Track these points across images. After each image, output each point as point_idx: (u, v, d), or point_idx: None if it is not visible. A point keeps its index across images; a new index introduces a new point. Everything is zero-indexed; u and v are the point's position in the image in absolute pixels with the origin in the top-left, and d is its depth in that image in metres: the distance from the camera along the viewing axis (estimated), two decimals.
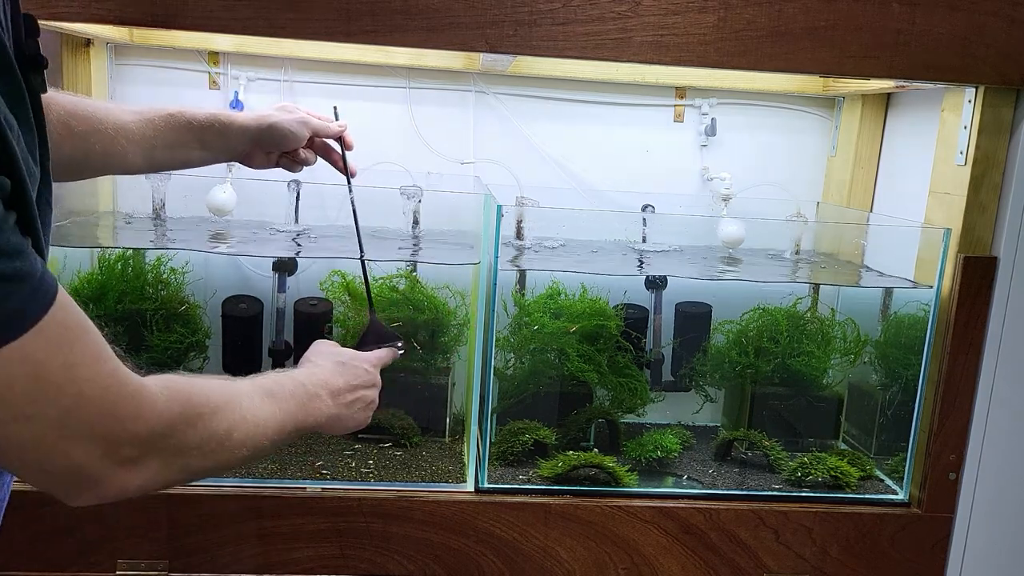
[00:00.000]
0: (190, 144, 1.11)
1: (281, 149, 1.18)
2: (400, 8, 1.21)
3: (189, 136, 1.10)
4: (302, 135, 1.18)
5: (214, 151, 1.14)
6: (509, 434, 1.52)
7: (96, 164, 1.06)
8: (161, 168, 1.14)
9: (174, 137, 1.09)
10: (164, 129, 1.09)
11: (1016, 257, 1.37)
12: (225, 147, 1.14)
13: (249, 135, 1.14)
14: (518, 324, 1.57)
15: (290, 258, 1.61)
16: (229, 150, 1.15)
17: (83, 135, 1.01)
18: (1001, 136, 1.35)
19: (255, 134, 1.15)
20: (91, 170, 1.09)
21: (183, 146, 1.11)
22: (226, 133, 1.12)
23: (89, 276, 1.53)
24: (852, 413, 1.68)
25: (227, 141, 1.13)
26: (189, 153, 1.12)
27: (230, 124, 1.12)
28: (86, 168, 1.07)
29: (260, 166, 1.20)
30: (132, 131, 1.06)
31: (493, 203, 1.37)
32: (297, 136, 1.18)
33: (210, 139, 1.12)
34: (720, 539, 1.42)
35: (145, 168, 1.11)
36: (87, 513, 1.31)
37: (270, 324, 1.61)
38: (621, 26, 1.25)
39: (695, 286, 1.67)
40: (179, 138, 1.10)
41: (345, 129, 1.26)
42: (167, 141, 1.09)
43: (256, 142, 1.16)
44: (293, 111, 1.19)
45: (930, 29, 1.28)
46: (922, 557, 1.45)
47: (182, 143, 1.10)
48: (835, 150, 1.85)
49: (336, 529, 1.36)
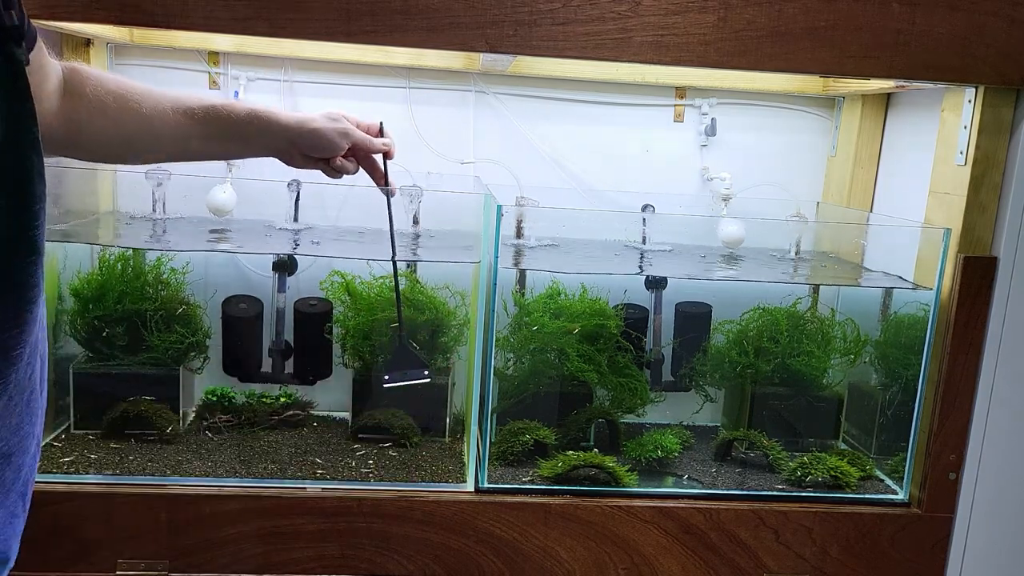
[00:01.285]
0: (228, 139, 1.10)
1: (318, 155, 1.16)
2: (400, 8, 1.21)
3: (227, 130, 1.09)
4: (340, 146, 1.16)
5: (253, 148, 1.13)
6: (509, 434, 1.52)
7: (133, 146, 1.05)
8: (194, 158, 1.14)
9: (213, 129, 1.08)
10: (203, 120, 1.07)
11: (1016, 257, 1.37)
12: (264, 145, 1.13)
13: (288, 136, 1.12)
14: (518, 324, 1.57)
15: (290, 258, 1.61)
16: (268, 148, 1.13)
17: (117, 112, 1.01)
18: (1001, 136, 1.35)
19: (293, 136, 1.13)
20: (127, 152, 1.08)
21: (221, 139, 1.10)
22: (266, 132, 1.11)
23: (89, 276, 1.54)
24: (852, 413, 1.68)
25: (266, 140, 1.12)
26: (227, 146, 1.12)
27: (270, 123, 1.11)
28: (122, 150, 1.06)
29: (300, 167, 1.18)
30: (170, 115, 1.05)
31: (493, 203, 1.37)
32: (335, 146, 1.16)
33: (248, 135, 1.10)
34: (720, 539, 1.42)
35: (178, 156, 1.11)
36: (87, 513, 1.31)
37: (270, 324, 1.61)
38: (621, 26, 1.25)
39: (695, 286, 1.67)
40: (218, 131, 1.08)
41: (391, 147, 1.23)
42: (204, 132, 1.08)
43: (294, 144, 1.14)
44: (338, 120, 1.17)
45: (930, 29, 1.28)
46: (922, 557, 1.45)
47: (219, 136, 1.09)
48: (835, 150, 1.85)
49: (336, 529, 1.36)
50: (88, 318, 1.51)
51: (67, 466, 1.39)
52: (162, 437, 1.50)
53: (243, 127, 1.09)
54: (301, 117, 1.14)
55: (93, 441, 1.49)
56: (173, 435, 1.50)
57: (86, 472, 1.38)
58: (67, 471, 1.38)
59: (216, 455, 1.47)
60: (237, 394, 1.61)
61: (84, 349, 1.55)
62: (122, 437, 1.49)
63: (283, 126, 1.12)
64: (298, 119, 1.13)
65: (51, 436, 1.50)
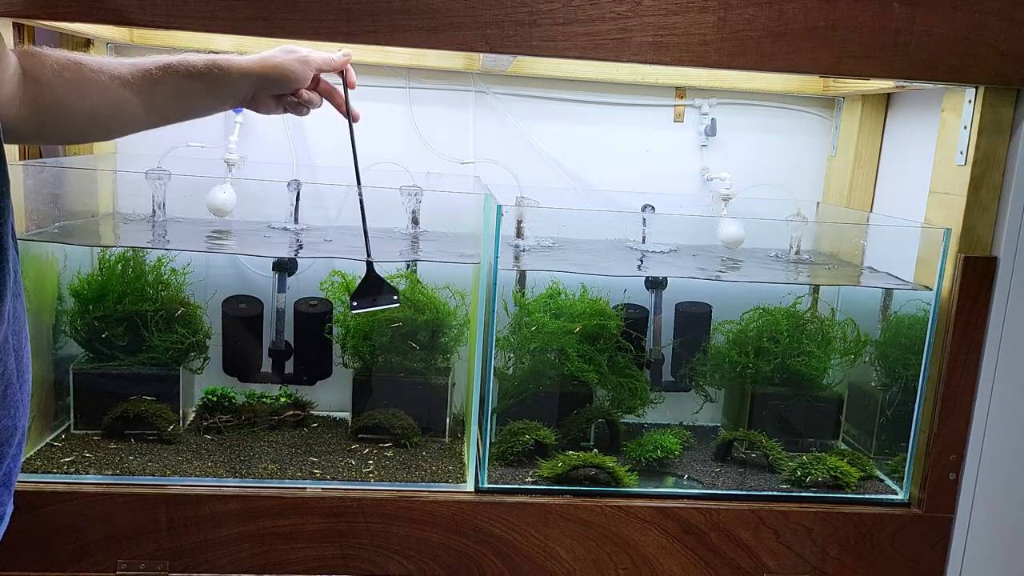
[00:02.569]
0: (193, 92, 1.09)
1: (285, 90, 1.15)
2: (400, 8, 1.21)
3: (190, 83, 1.08)
4: (305, 74, 1.15)
5: (218, 97, 1.12)
6: (509, 434, 1.52)
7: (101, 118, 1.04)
8: (168, 120, 1.12)
9: (174, 85, 1.07)
10: (163, 78, 1.06)
11: (1016, 257, 1.37)
12: (228, 92, 1.12)
13: (252, 78, 1.12)
14: (518, 324, 1.57)
15: (290, 259, 1.61)
16: (233, 95, 1.12)
17: (77, 84, 0.99)
18: (1001, 136, 1.35)
19: (257, 77, 1.12)
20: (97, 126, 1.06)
21: (185, 95, 1.08)
22: (227, 78, 1.10)
23: (89, 277, 1.54)
24: (852, 413, 1.68)
25: (229, 86, 1.11)
26: (193, 101, 1.10)
27: (229, 68, 1.10)
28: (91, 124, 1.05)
29: (267, 111, 1.17)
30: (129, 80, 1.04)
31: (493, 203, 1.37)
32: (299, 75, 1.15)
33: (213, 86, 1.09)
34: (720, 539, 1.42)
35: (150, 120, 1.09)
36: (87, 513, 1.31)
37: (270, 324, 1.61)
38: (621, 26, 1.25)
39: (695, 286, 1.67)
40: (180, 86, 1.07)
41: (349, 59, 1.22)
42: (168, 90, 1.06)
43: (259, 85, 1.13)
44: (294, 50, 1.16)
45: (930, 29, 1.28)
46: (922, 557, 1.45)
47: (184, 92, 1.08)
48: (835, 150, 1.85)
49: (336, 529, 1.36)
50: (88, 318, 1.51)
51: (67, 466, 1.39)
52: (162, 437, 1.50)
53: (204, 78, 1.08)
54: (259, 56, 1.13)
55: (93, 441, 1.49)
56: (173, 435, 1.50)
57: (86, 472, 1.38)
58: (67, 471, 1.38)
59: (216, 455, 1.47)
60: (237, 394, 1.61)
61: (84, 349, 1.55)
62: (122, 437, 1.49)
63: (244, 69, 1.11)
64: (257, 58, 1.13)
65: (51, 436, 1.50)
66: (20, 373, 0.80)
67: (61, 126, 1.02)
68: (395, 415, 1.57)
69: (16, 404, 0.79)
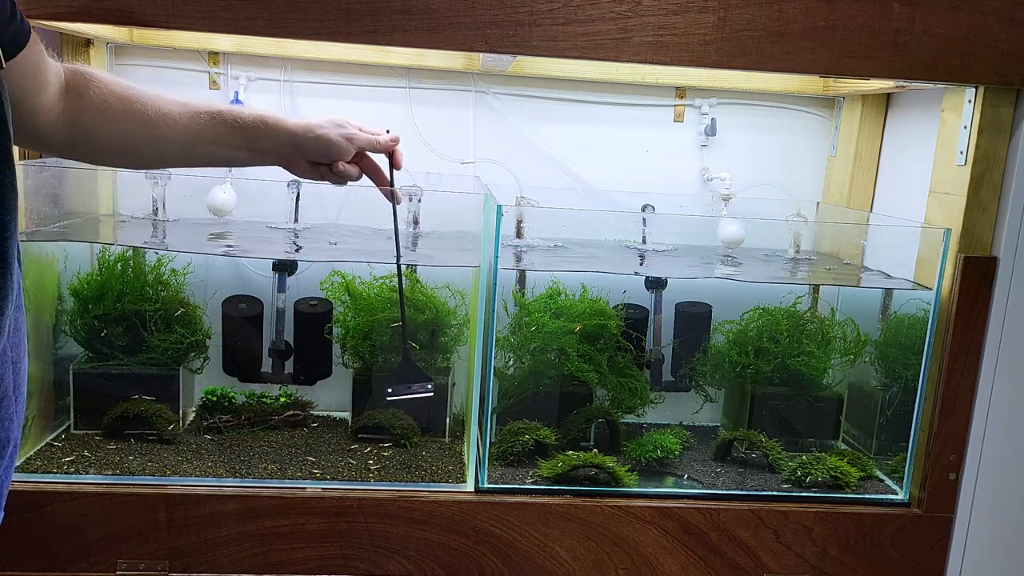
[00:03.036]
0: (234, 143, 1.09)
1: (324, 160, 1.15)
2: (400, 8, 1.21)
3: (234, 135, 1.09)
4: (347, 149, 1.15)
5: (256, 153, 1.12)
6: (509, 434, 1.52)
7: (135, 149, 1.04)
8: (199, 164, 1.12)
9: (218, 134, 1.08)
10: (209, 124, 1.07)
11: (1016, 257, 1.37)
12: (269, 149, 1.12)
13: (294, 141, 1.12)
14: (518, 324, 1.57)
15: (290, 259, 1.61)
16: (272, 153, 1.13)
17: (121, 113, 1.00)
18: (1001, 136, 1.35)
19: (299, 141, 1.12)
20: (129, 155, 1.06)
21: (226, 144, 1.09)
22: (271, 136, 1.11)
23: (89, 277, 1.54)
24: (852, 413, 1.68)
25: (271, 144, 1.11)
26: (232, 152, 1.11)
27: (275, 127, 1.11)
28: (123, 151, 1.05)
29: (303, 175, 1.17)
30: (175, 119, 1.04)
31: (493, 203, 1.37)
32: (341, 150, 1.15)
33: (255, 140, 1.10)
34: (720, 539, 1.42)
35: (183, 161, 1.10)
36: (87, 513, 1.31)
37: (270, 324, 1.61)
38: (621, 26, 1.25)
39: (695, 286, 1.67)
40: (224, 136, 1.08)
41: (396, 144, 1.22)
42: (211, 136, 1.07)
43: (299, 149, 1.13)
44: (343, 125, 1.16)
45: (930, 29, 1.28)
46: (922, 557, 1.45)
47: (226, 141, 1.09)
48: (835, 150, 1.85)
49: (336, 529, 1.36)
50: (88, 318, 1.51)
51: (67, 466, 1.39)
52: (162, 437, 1.50)
53: (249, 131, 1.09)
54: (307, 122, 1.13)
55: (93, 441, 1.49)
56: (173, 435, 1.50)
57: (86, 472, 1.38)
58: (67, 471, 1.38)
59: (216, 455, 1.47)
60: (237, 394, 1.61)
61: (84, 349, 1.55)
62: (122, 437, 1.49)
63: (289, 130, 1.12)
64: (304, 124, 1.13)
65: (51, 436, 1.50)
66: (16, 385, 0.79)
67: (93, 148, 1.02)
68: (395, 415, 1.57)
69: (10, 417, 0.78)
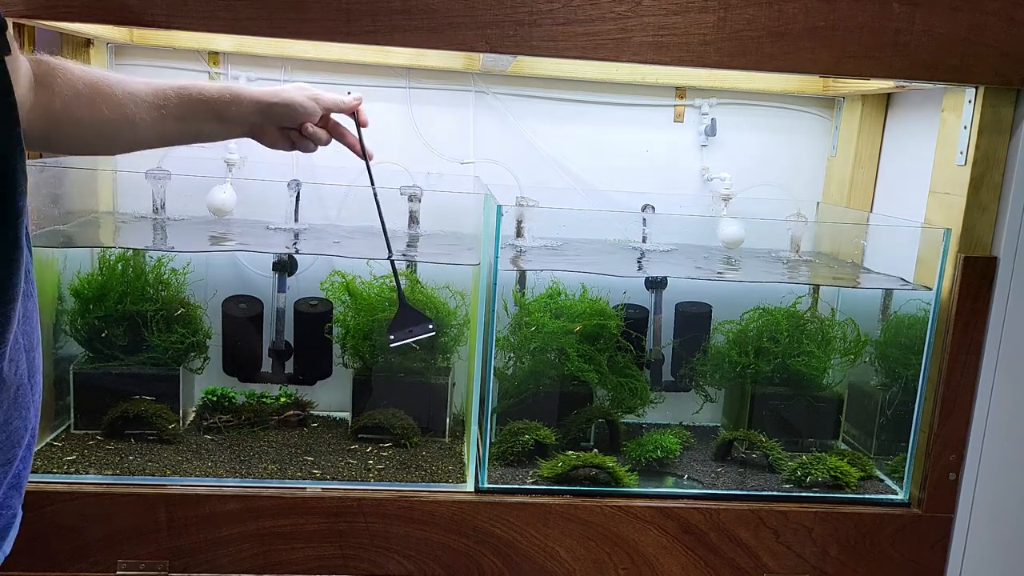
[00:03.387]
0: (202, 116, 1.11)
1: (291, 123, 1.17)
2: (400, 8, 1.21)
3: (201, 108, 1.10)
4: (313, 109, 1.17)
5: (226, 123, 1.13)
6: (509, 434, 1.52)
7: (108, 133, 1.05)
8: (173, 142, 1.13)
9: (186, 108, 1.09)
10: (175, 100, 1.08)
11: (1016, 257, 1.37)
12: (238, 118, 1.13)
13: (260, 107, 1.14)
14: (518, 324, 1.57)
15: (290, 258, 1.61)
16: (241, 122, 1.14)
17: (89, 97, 1.01)
18: (1001, 136, 1.35)
19: (266, 106, 1.14)
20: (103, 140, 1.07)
21: (195, 118, 1.10)
22: (238, 103, 1.12)
23: (90, 277, 1.54)
24: (852, 413, 1.68)
25: (239, 111, 1.13)
26: (202, 125, 1.12)
27: (241, 95, 1.12)
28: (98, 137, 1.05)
29: (273, 144, 1.19)
30: (142, 98, 1.05)
31: (493, 203, 1.37)
32: (307, 109, 1.17)
33: (222, 110, 1.11)
34: (720, 539, 1.42)
35: (156, 141, 1.11)
36: (87, 513, 1.31)
37: (270, 324, 1.61)
38: (621, 26, 1.25)
39: (695, 286, 1.67)
40: (191, 109, 1.09)
41: (360, 103, 1.24)
42: (179, 112, 1.08)
43: (267, 115, 1.15)
44: (306, 88, 1.19)
45: (930, 29, 1.28)
46: (922, 557, 1.45)
47: (194, 114, 1.10)
48: (835, 150, 1.85)
49: (336, 529, 1.36)
50: (88, 318, 1.51)
51: (67, 466, 1.39)
52: (162, 437, 1.50)
53: (215, 102, 1.10)
54: (271, 88, 1.16)
55: (93, 441, 1.49)
56: (173, 435, 1.50)
57: (86, 472, 1.38)
58: (67, 471, 1.38)
59: (216, 455, 1.47)
60: (237, 394, 1.61)
61: (84, 349, 1.55)
62: (122, 437, 1.49)
63: (255, 97, 1.13)
64: (269, 90, 1.15)
65: (51, 436, 1.50)
66: (31, 374, 0.80)
67: (68, 136, 1.03)
68: (395, 415, 1.57)
69: (27, 405, 0.79)
